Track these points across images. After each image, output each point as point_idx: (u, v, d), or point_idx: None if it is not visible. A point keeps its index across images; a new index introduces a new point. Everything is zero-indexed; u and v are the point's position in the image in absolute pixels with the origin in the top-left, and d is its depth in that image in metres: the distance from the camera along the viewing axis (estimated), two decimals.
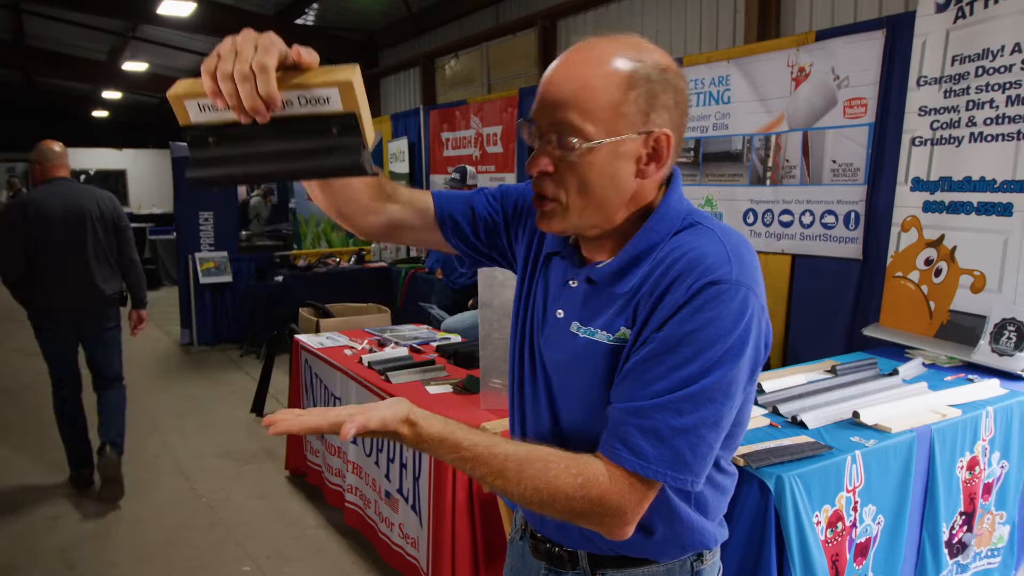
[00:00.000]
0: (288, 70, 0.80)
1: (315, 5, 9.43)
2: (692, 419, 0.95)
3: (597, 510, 0.97)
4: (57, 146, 3.84)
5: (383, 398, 2.95)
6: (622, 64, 0.98)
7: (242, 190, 8.98)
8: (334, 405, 3.42)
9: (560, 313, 1.12)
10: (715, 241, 1.00)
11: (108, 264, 3.88)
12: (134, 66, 13.28)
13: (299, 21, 10.13)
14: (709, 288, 0.95)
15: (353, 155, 0.82)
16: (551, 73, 1.03)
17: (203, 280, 7.21)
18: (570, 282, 1.12)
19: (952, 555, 2.59)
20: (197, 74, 0.82)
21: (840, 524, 2.16)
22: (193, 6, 8.84)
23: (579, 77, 0.99)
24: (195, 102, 0.82)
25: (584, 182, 1.00)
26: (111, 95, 16.87)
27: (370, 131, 0.85)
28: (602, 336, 1.04)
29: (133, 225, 4.29)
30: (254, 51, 0.78)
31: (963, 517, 2.60)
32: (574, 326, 1.08)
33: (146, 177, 19.77)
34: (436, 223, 1.26)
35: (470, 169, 5.60)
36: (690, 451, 0.96)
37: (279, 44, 0.80)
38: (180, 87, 0.82)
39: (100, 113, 20.08)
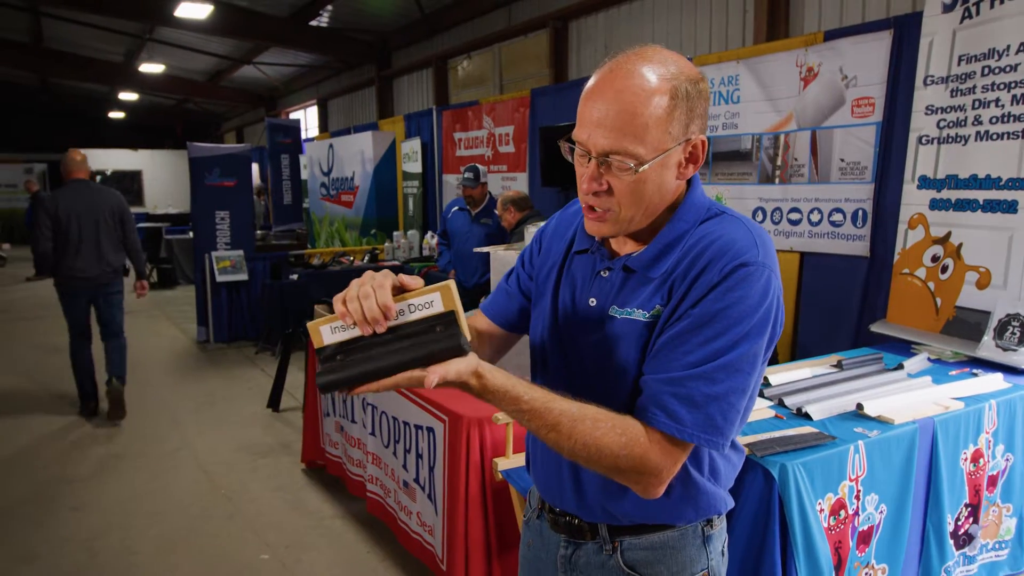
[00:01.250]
0: (398, 294, 1.03)
1: (329, 7, 9.53)
2: (723, 387, 1.06)
3: (638, 467, 1.06)
4: (78, 155, 5.07)
5: (399, 392, 3.02)
6: (663, 85, 1.06)
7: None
8: (351, 397, 3.51)
9: (593, 301, 1.20)
10: (742, 228, 1.12)
11: (114, 245, 5.06)
12: (151, 67, 13.44)
13: (313, 23, 10.24)
14: (740, 270, 1.06)
15: (454, 339, 0.99)
16: (596, 100, 1.08)
17: (219, 278, 7.32)
18: (601, 273, 1.21)
19: (958, 546, 2.63)
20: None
21: (843, 512, 2.22)
22: (210, 8, 8.95)
23: (628, 105, 1.05)
24: (328, 326, 1.05)
25: (638, 195, 1.10)
26: (128, 96, 17.06)
27: (466, 329, 1.01)
28: (638, 314, 1.14)
29: (150, 225, 6.73)
30: (372, 279, 1.01)
31: (968, 509, 2.64)
32: (612, 310, 1.17)
33: (162, 178, 19.97)
34: (505, 330, 1.42)
35: (482, 168, 5.67)
36: (721, 416, 1.06)
37: (391, 274, 1.03)
38: (317, 320, 1.05)
39: (116, 114, 20.29)
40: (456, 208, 5.95)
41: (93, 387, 5.23)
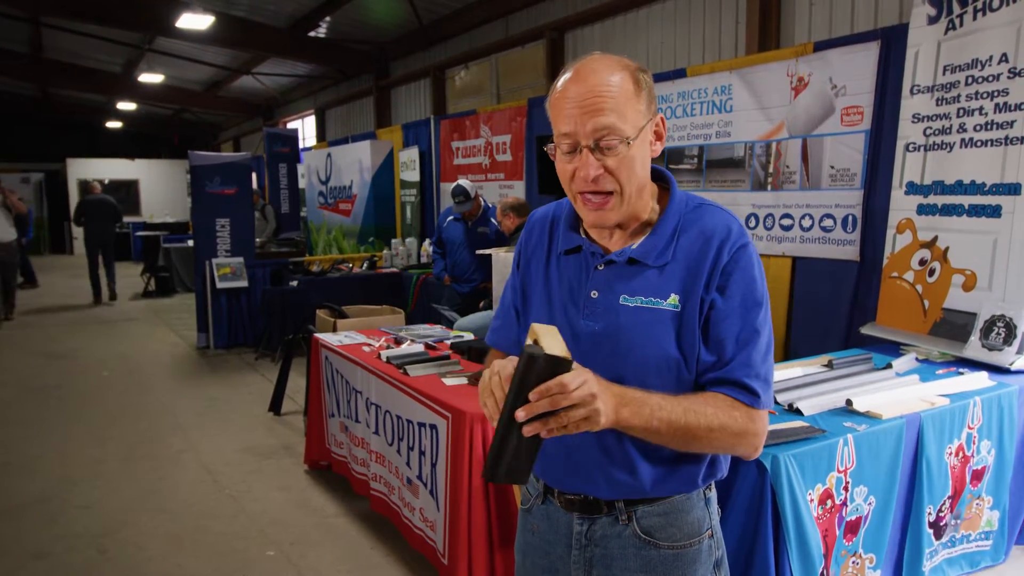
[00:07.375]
0: None
1: (327, 18, 9.63)
2: (769, 353, 1.28)
3: (751, 433, 1.25)
4: (96, 184, 11.99)
5: (402, 391, 3.11)
6: (626, 72, 1.24)
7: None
8: (355, 398, 3.59)
9: (595, 294, 1.32)
10: (726, 215, 1.32)
11: (110, 226, 10.91)
12: (149, 78, 13.51)
13: (312, 34, 10.35)
14: (742, 250, 1.27)
15: (525, 352, 1.08)
16: (571, 96, 1.23)
17: (220, 285, 7.39)
18: (597, 267, 1.33)
19: (939, 536, 2.72)
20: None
21: (830, 502, 2.31)
22: (211, 19, 9.05)
23: (603, 89, 1.21)
24: None
25: (630, 170, 1.24)
26: (125, 106, 17.11)
27: (554, 347, 1.09)
28: (657, 303, 1.28)
29: (147, 234, 13.24)
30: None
31: (950, 500, 2.73)
32: (622, 298, 1.30)
33: (158, 187, 19.99)
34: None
35: (466, 184, 5.79)
36: (771, 377, 1.30)
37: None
38: None
39: (113, 124, 20.32)
40: (451, 218, 6.08)
41: (99, 291, 10.73)
